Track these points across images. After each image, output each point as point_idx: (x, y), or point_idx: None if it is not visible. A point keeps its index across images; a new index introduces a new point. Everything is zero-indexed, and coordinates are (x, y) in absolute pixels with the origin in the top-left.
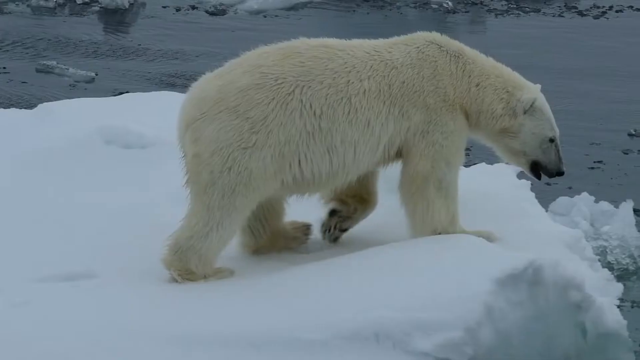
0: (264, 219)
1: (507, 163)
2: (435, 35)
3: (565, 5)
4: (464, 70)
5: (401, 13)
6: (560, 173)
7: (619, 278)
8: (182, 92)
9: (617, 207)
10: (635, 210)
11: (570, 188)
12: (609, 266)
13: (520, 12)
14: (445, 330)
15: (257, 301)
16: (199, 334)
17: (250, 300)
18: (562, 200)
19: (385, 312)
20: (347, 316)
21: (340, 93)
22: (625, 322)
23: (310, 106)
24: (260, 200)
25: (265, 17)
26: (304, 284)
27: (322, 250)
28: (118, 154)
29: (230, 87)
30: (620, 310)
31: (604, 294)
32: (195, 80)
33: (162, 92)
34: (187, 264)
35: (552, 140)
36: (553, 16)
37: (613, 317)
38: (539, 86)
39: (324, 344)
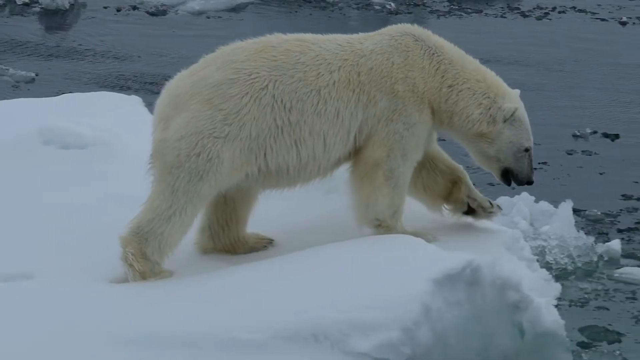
0: (226, 225)
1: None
2: (415, 29)
3: (507, 7)
4: (437, 69)
5: (344, 14)
6: (529, 182)
7: (558, 278)
8: (121, 93)
9: (556, 207)
10: (575, 211)
11: (514, 188)
12: (547, 266)
13: (462, 13)
14: (383, 330)
15: (195, 301)
16: (135, 334)
17: (188, 300)
18: (502, 200)
19: (323, 313)
20: (286, 316)
21: (310, 86)
22: (562, 322)
23: (282, 101)
24: (219, 191)
25: (208, 18)
26: (242, 284)
27: (261, 251)
28: (57, 155)
29: (204, 83)
30: (558, 310)
31: (542, 294)
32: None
33: (102, 92)
34: (145, 247)
35: (527, 150)
36: (495, 17)
37: (551, 317)
38: (517, 91)
39: (262, 345)
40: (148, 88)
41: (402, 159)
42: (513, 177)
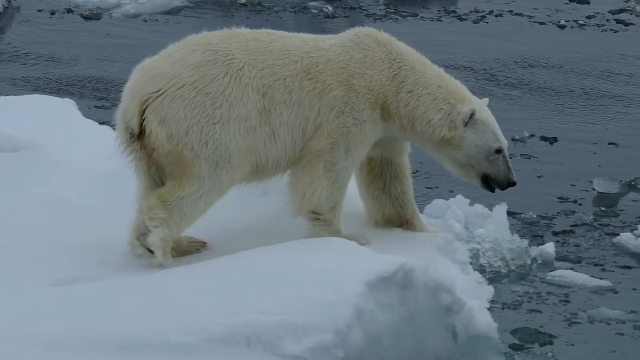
0: None
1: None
2: (380, 33)
3: (444, 10)
4: (396, 74)
5: (280, 18)
6: (511, 183)
7: (491, 281)
8: (55, 96)
9: (491, 210)
10: (511, 214)
11: (451, 191)
12: (481, 269)
13: (398, 17)
14: (315, 333)
15: (127, 304)
16: (66, 338)
17: (119, 303)
18: (437, 202)
19: (256, 316)
20: (218, 319)
21: (277, 74)
22: (495, 324)
23: (256, 85)
24: (242, 178)
25: (145, 21)
26: (175, 287)
27: (193, 254)
28: None
29: (183, 64)
30: (491, 312)
31: (475, 297)
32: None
33: (35, 95)
34: (168, 217)
35: (498, 152)
36: (431, 20)
37: (483, 320)
38: (486, 100)
39: (194, 347)
40: (82, 91)
41: (345, 154)
42: (492, 182)
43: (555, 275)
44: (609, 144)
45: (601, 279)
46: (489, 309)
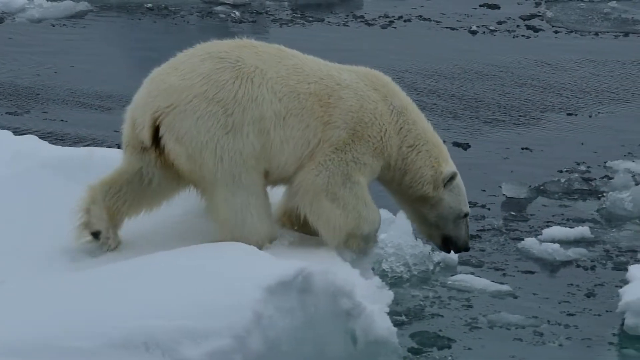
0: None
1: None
2: (383, 80)
3: (351, 15)
4: (401, 128)
5: (187, 22)
6: (466, 249)
7: (392, 285)
8: None
9: (395, 215)
10: None
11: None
12: (383, 274)
13: (304, 22)
14: (214, 338)
15: (25, 308)
16: None
17: (18, 307)
18: None
19: (154, 321)
20: (117, 324)
21: (291, 87)
22: (395, 329)
23: (272, 86)
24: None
25: (53, 25)
26: (74, 291)
27: (94, 258)
28: None
29: (193, 74)
30: (391, 317)
31: (375, 302)
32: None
33: None
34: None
35: (466, 216)
36: (338, 25)
37: (383, 324)
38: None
39: (93, 352)
40: None
41: (343, 183)
42: (452, 245)
43: (456, 280)
44: (522, 149)
45: (502, 283)
46: (389, 313)
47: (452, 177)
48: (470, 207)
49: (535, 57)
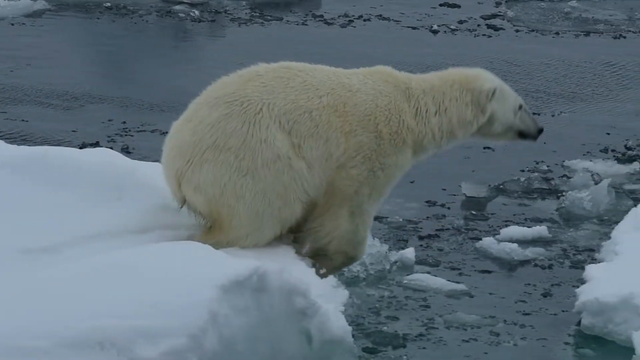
0: None
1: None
2: (386, 71)
3: (310, 14)
4: (417, 108)
5: (146, 21)
6: (540, 130)
7: (348, 285)
8: None
9: None
10: (375, 218)
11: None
12: (339, 273)
13: (263, 21)
14: (169, 337)
15: None
16: None
17: None
18: None
19: (109, 320)
20: (71, 324)
21: (302, 108)
22: (349, 328)
23: (280, 122)
24: (299, 212)
25: (12, 25)
26: (29, 291)
27: (49, 258)
28: None
29: (203, 126)
30: (346, 316)
31: (330, 301)
32: None
33: None
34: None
35: (520, 107)
36: (297, 24)
37: (338, 324)
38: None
39: (47, 352)
40: None
41: (369, 197)
42: (526, 136)
43: (412, 280)
44: (484, 148)
45: (458, 283)
46: (344, 313)
47: (492, 92)
48: (429, 206)
49: (497, 56)
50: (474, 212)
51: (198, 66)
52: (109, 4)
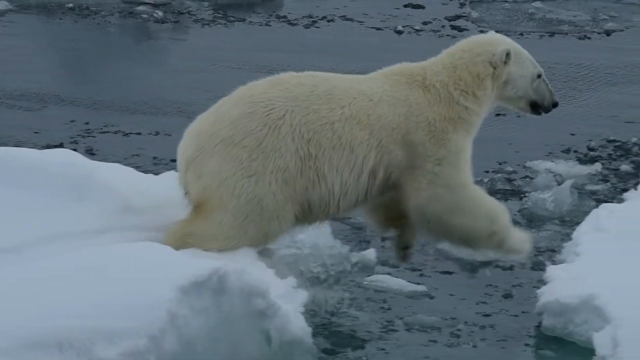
0: None
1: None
2: (404, 68)
3: (274, 15)
4: (439, 98)
5: (109, 22)
6: (555, 104)
7: (309, 286)
8: None
9: None
10: (337, 219)
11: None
12: (299, 274)
13: (226, 22)
14: (128, 338)
15: None
16: None
17: None
18: None
19: (68, 321)
20: (30, 324)
21: (324, 119)
22: (309, 329)
23: (300, 131)
24: (286, 230)
25: None
26: None
27: (7, 258)
28: None
29: (223, 119)
30: (306, 317)
31: (290, 302)
32: None
33: None
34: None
35: (539, 76)
36: (260, 25)
37: (297, 324)
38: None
39: (5, 353)
40: None
41: (450, 190)
42: (540, 107)
43: (372, 281)
44: None
45: (419, 284)
46: (304, 313)
47: (506, 54)
48: None
49: None
50: None
51: (161, 67)
52: (71, 5)
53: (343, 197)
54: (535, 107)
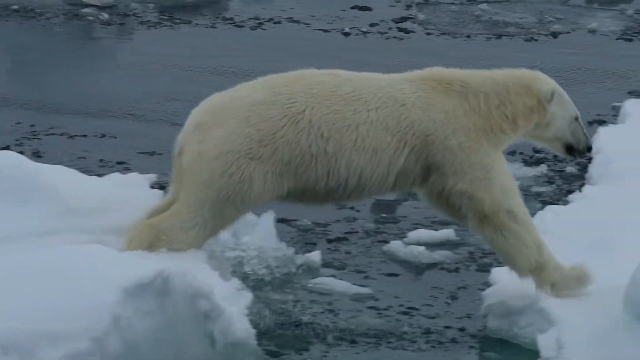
0: None
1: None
2: (440, 73)
3: (220, 17)
4: (479, 104)
5: (54, 24)
6: (589, 148)
7: (254, 288)
8: None
9: (259, 217)
10: (284, 221)
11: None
12: (244, 277)
13: (172, 24)
14: (72, 340)
15: None
16: None
17: None
18: None
19: (11, 323)
20: None
21: (348, 120)
22: (253, 331)
23: (319, 128)
24: (246, 213)
25: None
26: None
27: None
28: None
29: (245, 100)
30: (250, 319)
31: (234, 304)
32: None
33: None
34: (155, 242)
35: (576, 119)
36: (206, 27)
37: (241, 326)
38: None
39: None
40: None
41: (505, 195)
42: (575, 151)
43: (317, 283)
44: None
45: (364, 286)
46: (249, 316)
47: (552, 94)
48: (339, 209)
49: (408, 58)
50: (384, 215)
51: (107, 69)
52: (16, 7)
53: (357, 191)
54: (571, 150)
